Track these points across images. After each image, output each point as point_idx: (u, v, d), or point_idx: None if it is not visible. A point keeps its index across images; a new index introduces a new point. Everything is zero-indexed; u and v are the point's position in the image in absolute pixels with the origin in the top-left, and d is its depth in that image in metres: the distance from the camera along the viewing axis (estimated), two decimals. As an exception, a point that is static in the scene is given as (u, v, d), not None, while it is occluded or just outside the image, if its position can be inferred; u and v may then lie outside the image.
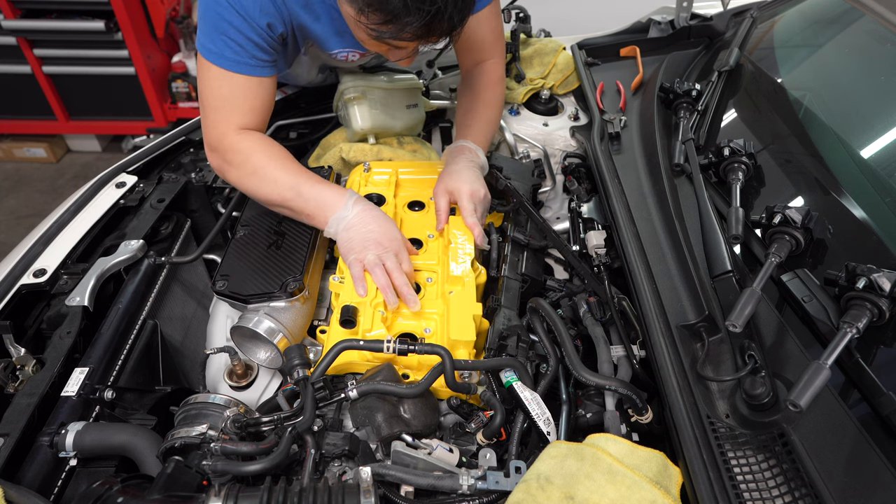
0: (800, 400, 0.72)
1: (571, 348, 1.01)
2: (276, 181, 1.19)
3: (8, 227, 3.40)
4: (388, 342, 0.97)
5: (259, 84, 1.20)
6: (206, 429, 0.91)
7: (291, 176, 1.19)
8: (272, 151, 1.22)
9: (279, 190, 1.18)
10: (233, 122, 1.20)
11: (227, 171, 1.23)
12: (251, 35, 1.14)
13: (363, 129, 1.54)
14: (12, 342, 1.06)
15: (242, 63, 1.16)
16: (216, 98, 1.19)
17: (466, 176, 1.28)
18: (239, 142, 1.20)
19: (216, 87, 1.18)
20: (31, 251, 1.22)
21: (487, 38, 1.43)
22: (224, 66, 1.15)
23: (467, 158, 1.33)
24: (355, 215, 1.17)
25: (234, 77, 1.17)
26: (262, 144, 1.22)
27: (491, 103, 1.46)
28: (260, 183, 1.20)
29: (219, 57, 1.14)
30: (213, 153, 1.23)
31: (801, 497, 0.74)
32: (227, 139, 1.20)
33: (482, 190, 1.28)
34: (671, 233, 1.15)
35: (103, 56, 3.35)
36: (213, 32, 1.14)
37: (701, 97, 1.41)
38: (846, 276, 0.85)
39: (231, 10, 1.11)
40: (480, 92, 1.46)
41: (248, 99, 1.20)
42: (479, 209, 1.26)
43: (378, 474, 0.84)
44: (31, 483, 0.88)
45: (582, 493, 0.76)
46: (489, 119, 1.45)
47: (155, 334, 1.22)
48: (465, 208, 1.24)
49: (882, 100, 1.18)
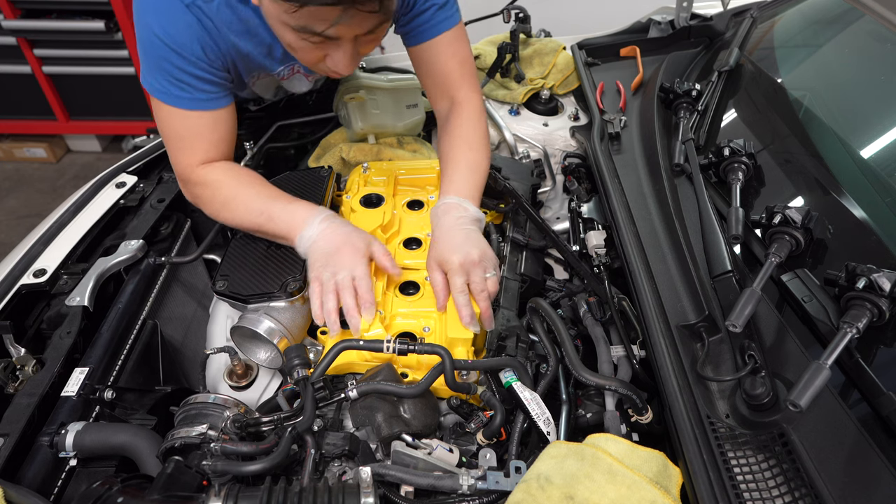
0: (800, 400, 0.72)
1: (571, 348, 1.01)
2: (246, 209, 1.15)
3: (8, 227, 3.40)
4: (388, 342, 0.97)
5: (215, 117, 1.15)
6: (206, 429, 0.91)
7: (261, 200, 1.15)
8: (241, 178, 1.18)
9: (251, 216, 1.15)
10: (196, 158, 1.16)
11: (200, 205, 1.21)
12: (194, 70, 1.09)
13: (363, 129, 1.54)
14: (12, 342, 1.06)
15: (193, 100, 1.11)
16: (174, 137, 1.16)
17: (455, 241, 1.12)
18: (206, 175, 1.17)
19: (172, 125, 1.14)
20: (32, 251, 1.22)
21: (454, 69, 1.28)
22: (175, 104, 1.11)
23: (454, 217, 1.16)
24: (320, 232, 1.11)
25: (188, 114, 1.12)
26: (228, 174, 1.18)
27: (473, 144, 1.27)
28: (232, 213, 1.17)
29: (167, 96, 1.10)
30: (184, 186, 1.21)
31: (801, 497, 0.74)
32: (193, 174, 1.17)
33: (474, 252, 1.10)
34: (671, 233, 1.15)
35: (103, 56, 3.35)
36: (155, 71, 1.09)
37: (701, 97, 1.41)
38: (846, 276, 0.85)
39: (167, 49, 1.06)
40: (459, 133, 1.28)
41: (206, 133, 1.15)
42: (476, 276, 1.09)
43: (378, 474, 0.84)
44: (31, 483, 0.88)
45: (582, 493, 0.76)
46: (474, 163, 1.26)
47: (155, 334, 1.22)
48: (455, 285, 1.09)
49: (882, 100, 1.18)
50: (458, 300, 1.09)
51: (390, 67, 1.78)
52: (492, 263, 1.14)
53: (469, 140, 1.28)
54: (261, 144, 1.59)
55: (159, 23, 1.06)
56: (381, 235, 1.26)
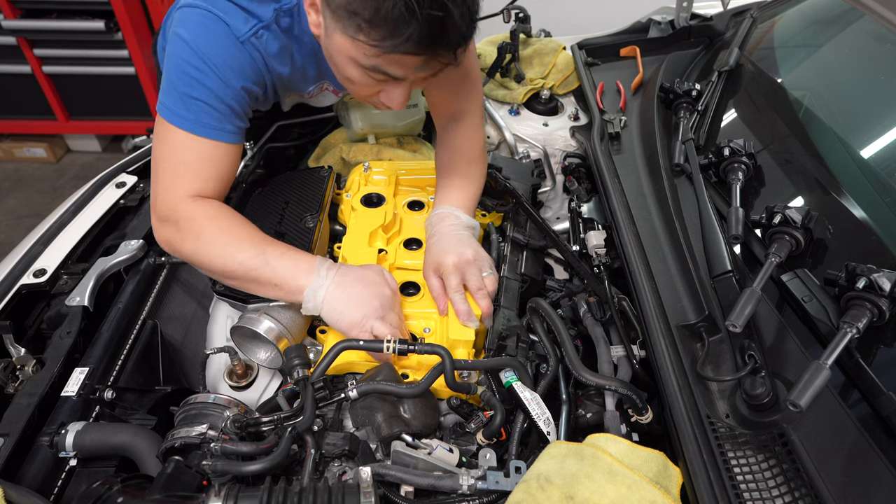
0: (800, 400, 0.72)
1: (571, 348, 1.01)
2: (238, 250, 1.04)
3: (8, 227, 3.40)
4: (388, 342, 0.97)
5: (228, 151, 1.09)
6: (206, 429, 0.91)
7: (257, 244, 1.05)
8: (234, 220, 1.08)
9: (242, 256, 1.03)
10: (191, 189, 1.06)
11: (179, 243, 1.06)
12: (230, 101, 1.05)
13: (363, 129, 1.54)
14: (12, 342, 1.06)
15: (219, 129, 1.05)
16: (176, 162, 1.06)
17: (449, 244, 1.16)
18: (196, 209, 1.05)
19: (179, 151, 1.05)
20: (32, 251, 1.22)
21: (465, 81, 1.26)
22: (196, 132, 1.04)
23: (448, 224, 1.21)
24: (332, 281, 1.05)
25: (203, 143, 1.05)
26: (221, 212, 1.08)
27: (470, 157, 1.30)
28: (218, 252, 1.04)
29: (192, 123, 1.03)
30: (162, 224, 1.07)
31: (801, 497, 0.74)
32: (181, 207, 1.05)
33: (468, 252, 1.14)
34: (671, 233, 1.15)
35: (103, 56, 3.34)
36: (185, 97, 1.02)
37: (701, 97, 1.41)
38: (846, 276, 0.85)
39: (210, 74, 1.02)
40: (457, 145, 1.30)
41: (214, 166, 1.07)
42: (472, 275, 1.12)
43: (378, 474, 0.84)
44: (31, 483, 0.88)
45: (582, 493, 0.76)
46: (470, 175, 1.29)
47: (155, 334, 1.22)
48: (450, 284, 1.12)
49: (882, 100, 1.18)
50: (454, 298, 1.11)
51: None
52: (487, 263, 1.17)
53: (466, 152, 1.30)
54: (261, 144, 1.59)
55: (211, 51, 1.02)
56: (381, 235, 1.26)
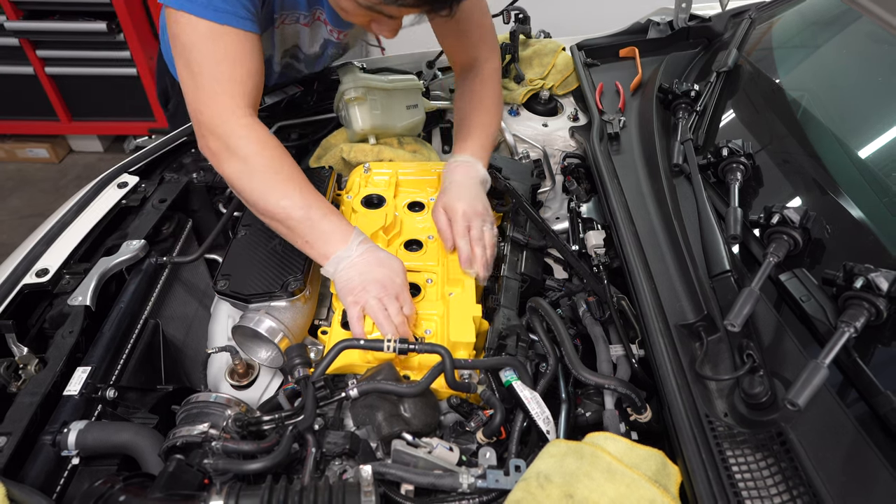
0: (798, 399, 0.73)
1: (571, 348, 1.02)
2: (284, 195, 1.02)
3: (11, 227, 3.41)
4: (389, 342, 0.97)
5: (252, 42, 1.01)
6: (207, 428, 0.91)
7: (306, 194, 1.04)
8: (282, 154, 1.06)
9: (286, 203, 1.02)
10: (234, 96, 1.00)
11: (225, 161, 1.02)
12: None
13: (364, 129, 1.54)
14: (15, 341, 1.07)
15: (232, 14, 0.97)
16: (209, 63, 0.98)
17: (462, 193, 1.23)
18: (246, 129, 1.00)
19: (207, 48, 0.97)
20: (34, 251, 1.23)
21: (472, 31, 1.33)
22: (214, 18, 0.95)
23: (465, 174, 1.28)
24: (359, 255, 1.06)
25: (227, 32, 0.97)
26: (270, 140, 1.04)
27: (488, 107, 1.38)
28: (267, 187, 1.02)
29: (205, 7, 0.95)
30: (208, 136, 1.01)
31: (799, 495, 0.75)
32: (230, 123, 1.00)
33: (479, 205, 1.22)
34: (670, 233, 1.15)
35: (105, 57, 3.35)
36: None
37: (700, 98, 1.42)
38: (844, 275, 0.85)
39: None
40: (476, 94, 1.38)
41: (246, 63, 1.00)
42: (476, 225, 1.19)
43: (378, 473, 0.85)
44: (34, 482, 0.88)
45: (581, 492, 0.77)
46: (487, 125, 1.37)
47: (157, 334, 1.22)
48: (457, 229, 1.19)
49: (880, 100, 1.19)
50: (458, 242, 1.18)
51: (391, 68, 1.79)
52: (490, 219, 1.24)
53: (484, 101, 1.37)
54: (262, 145, 1.59)
55: None
56: (382, 237, 1.26)
